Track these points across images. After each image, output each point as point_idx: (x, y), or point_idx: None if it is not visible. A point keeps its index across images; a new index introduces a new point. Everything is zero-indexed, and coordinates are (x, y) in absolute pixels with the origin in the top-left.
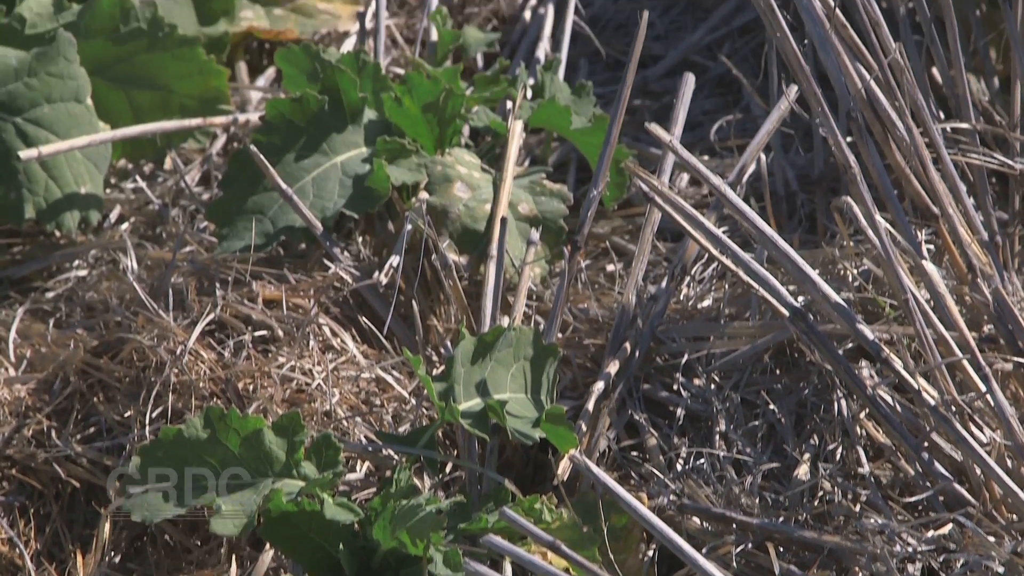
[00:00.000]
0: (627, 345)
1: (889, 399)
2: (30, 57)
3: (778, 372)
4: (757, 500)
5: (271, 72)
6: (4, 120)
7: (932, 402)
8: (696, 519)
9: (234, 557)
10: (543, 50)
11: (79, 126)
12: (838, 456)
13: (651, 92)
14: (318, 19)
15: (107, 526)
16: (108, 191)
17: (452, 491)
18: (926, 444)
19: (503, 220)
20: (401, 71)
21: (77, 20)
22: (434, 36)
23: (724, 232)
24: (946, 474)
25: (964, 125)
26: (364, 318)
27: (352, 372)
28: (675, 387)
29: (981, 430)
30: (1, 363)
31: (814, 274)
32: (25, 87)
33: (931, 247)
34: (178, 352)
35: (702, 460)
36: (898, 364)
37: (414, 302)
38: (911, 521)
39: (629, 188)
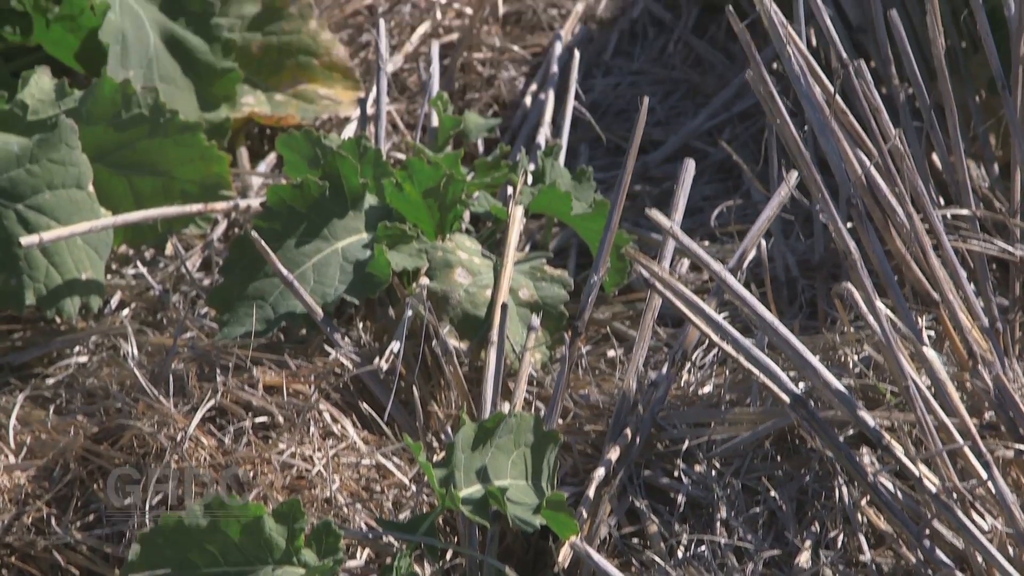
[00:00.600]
0: (628, 431)
1: (890, 486)
2: (32, 143)
3: (779, 458)
4: None
5: (272, 157)
6: (6, 207)
7: (933, 489)
8: None
9: None
10: (544, 135)
11: (80, 212)
12: (840, 543)
13: (652, 178)
14: (319, 105)
15: None
16: (109, 277)
17: None
18: (928, 531)
19: (504, 306)
20: (402, 156)
21: (79, 106)
22: (435, 121)
23: (725, 318)
24: (948, 562)
25: (964, 211)
26: (365, 404)
27: (352, 458)
28: (676, 473)
29: (983, 517)
30: (1, 450)
31: (815, 360)
32: (27, 173)
33: (932, 333)
34: (178, 439)
35: (703, 547)
36: (899, 451)
37: (415, 388)
38: None
39: (630, 274)
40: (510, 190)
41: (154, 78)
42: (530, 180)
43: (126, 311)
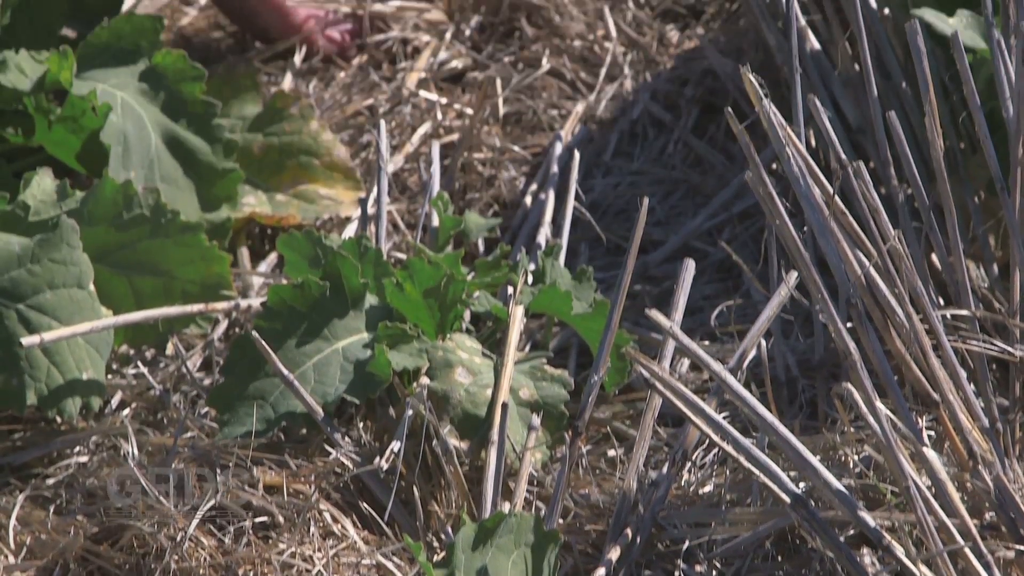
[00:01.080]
0: (628, 531)
1: None
2: (33, 244)
3: (780, 559)
4: None
5: (273, 257)
6: (7, 307)
7: None
8: None
9: None
10: (544, 235)
11: (81, 312)
12: None
13: (651, 277)
14: (320, 204)
15: None
16: (109, 377)
17: None
18: None
19: (504, 406)
20: (403, 256)
21: (80, 207)
22: (435, 221)
23: (725, 418)
24: None
25: (964, 312)
26: (365, 503)
27: (353, 558)
28: (677, 574)
29: None
30: (1, 551)
31: (815, 461)
32: (28, 273)
33: (932, 433)
34: (178, 539)
35: None
36: (900, 551)
37: (415, 487)
38: None
39: (630, 373)
40: (510, 290)
41: (155, 179)
42: (530, 280)
43: (127, 411)
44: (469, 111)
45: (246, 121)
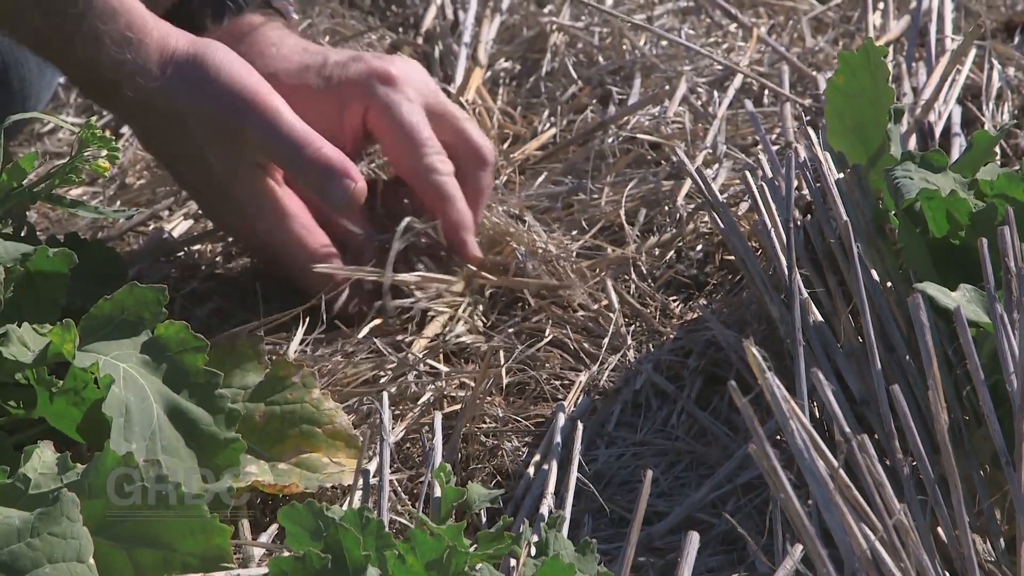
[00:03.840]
0: None
1: None
2: (33, 517)
3: None
4: None
5: (274, 528)
6: None
7: None
8: None
9: None
10: (547, 507)
11: None
12: None
13: (655, 549)
14: (322, 473)
15: None
16: None
17: None
18: None
19: None
20: (406, 524)
21: (81, 479)
22: (438, 492)
23: None
24: None
25: None
26: None
27: None
28: None
29: None
30: None
31: None
32: (27, 547)
33: None
34: None
35: None
36: None
37: None
38: None
39: None
40: (513, 562)
41: (157, 450)
42: (533, 552)
43: None
44: (471, 382)
45: (248, 390)
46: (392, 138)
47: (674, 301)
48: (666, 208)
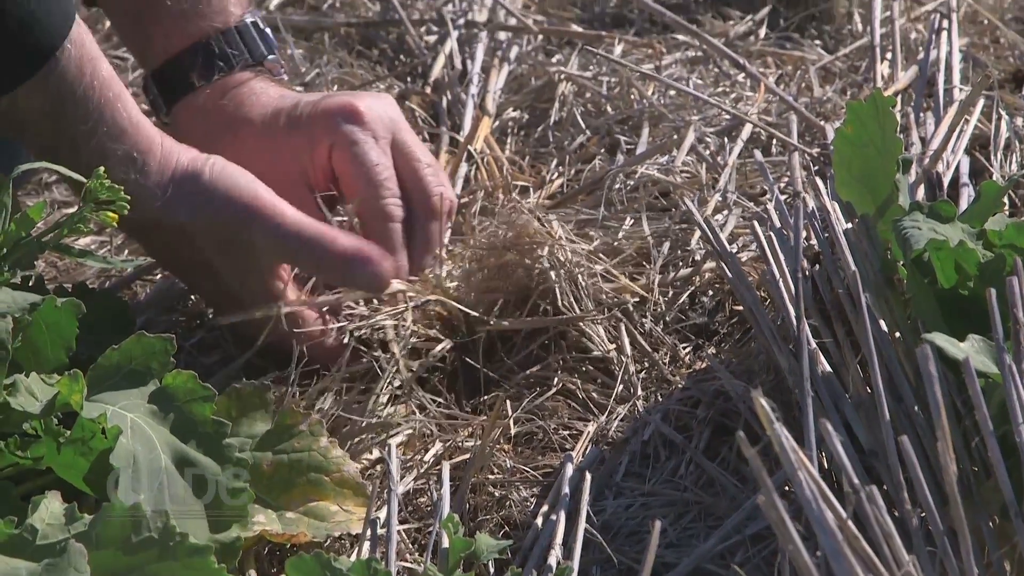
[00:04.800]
0: None
1: None
2: (40, 568)
3: None
4: None
5: None
6: None
7: None
8: None
9: None
10: (555, 557)
11: None
12: None
13: None
14: (330, 522)
15: None
16: None
17: None
18: None
19: None
20: (414, 575)
21: (88, 530)
22: (446, 542)
23: None
24: None
25: None
26: None
27: None
28: None
29: None
30: None
31: None
32: None
33: None
34: None
35: None
36: None
37: None
38: None
39: None
40: None
41: (165, 500)
42: None
43: None
44: (480, 432)
45: (255, 439)
46: (351, 176)
47: (684, 348)
48: (679, 252)
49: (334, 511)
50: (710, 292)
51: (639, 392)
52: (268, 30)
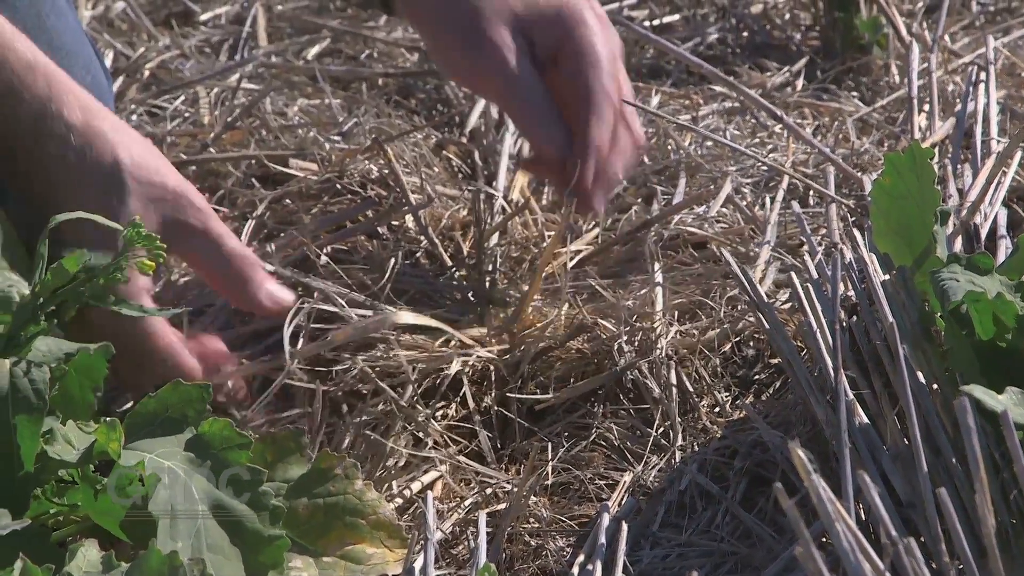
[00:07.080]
0: None
1: None
2: None
3: None
4: None
5: None
6: None
7: None
8: None
9: None
10: None
11: None
12: None
13: None
14: (367, 564)
15: None
16: None
17: None
18: None
19: None
20: None
21: None
22: None
23: None
24: None
25: None
26: None
27: None
28: None
29: None
30: None
31: None
32: None
33: None
34: None
35: None
36: None
37: None
38: None
39: None
40: None
41: (202, 548)
42: None
43: None
44: (516, 481)
45: (291, 483)
46: (578, 88)
47: (725, 396)
48: (719, 300)
49: (371, 554)
50: (751, 342)
51: (679, 442)
52: None
